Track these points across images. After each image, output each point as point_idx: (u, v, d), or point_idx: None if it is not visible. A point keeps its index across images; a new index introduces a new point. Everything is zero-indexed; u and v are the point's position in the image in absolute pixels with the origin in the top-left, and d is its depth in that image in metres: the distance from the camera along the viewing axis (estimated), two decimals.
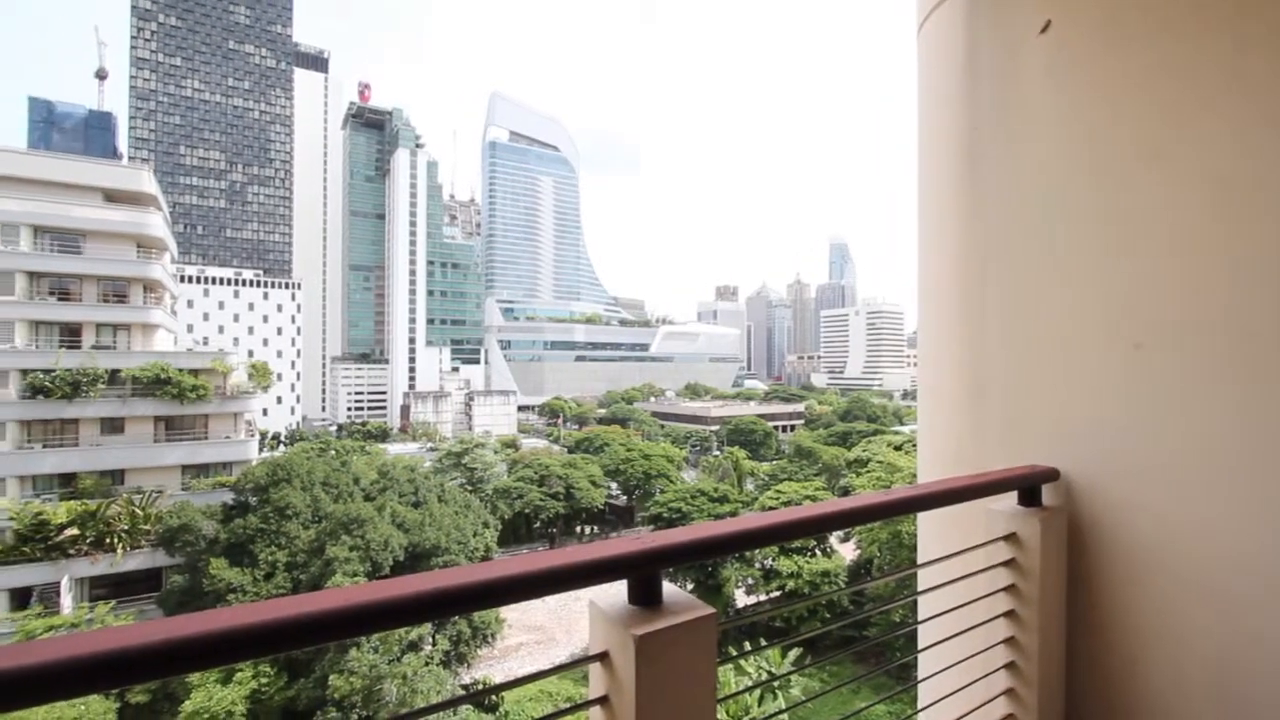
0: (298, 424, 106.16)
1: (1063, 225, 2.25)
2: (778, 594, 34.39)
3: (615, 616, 1.27)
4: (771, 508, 37.83)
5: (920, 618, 2.49)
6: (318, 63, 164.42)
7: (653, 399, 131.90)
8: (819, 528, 1.68)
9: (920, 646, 2.19)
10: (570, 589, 1.21)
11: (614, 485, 60.68)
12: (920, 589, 2.52)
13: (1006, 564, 2.15)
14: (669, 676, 1.25)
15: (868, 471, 43.28)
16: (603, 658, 1.29)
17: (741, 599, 36.66)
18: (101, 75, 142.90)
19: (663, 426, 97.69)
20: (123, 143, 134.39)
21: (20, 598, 30.33)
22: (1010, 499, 2.18)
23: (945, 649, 2.06)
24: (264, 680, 24.41)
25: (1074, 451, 2.19)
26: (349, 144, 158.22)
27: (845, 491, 48.14)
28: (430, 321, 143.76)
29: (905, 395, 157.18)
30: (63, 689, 0.74)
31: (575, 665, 1.41)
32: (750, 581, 35.40)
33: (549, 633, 38.87)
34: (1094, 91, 2.19)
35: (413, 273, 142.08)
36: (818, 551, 35.27)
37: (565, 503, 52.65)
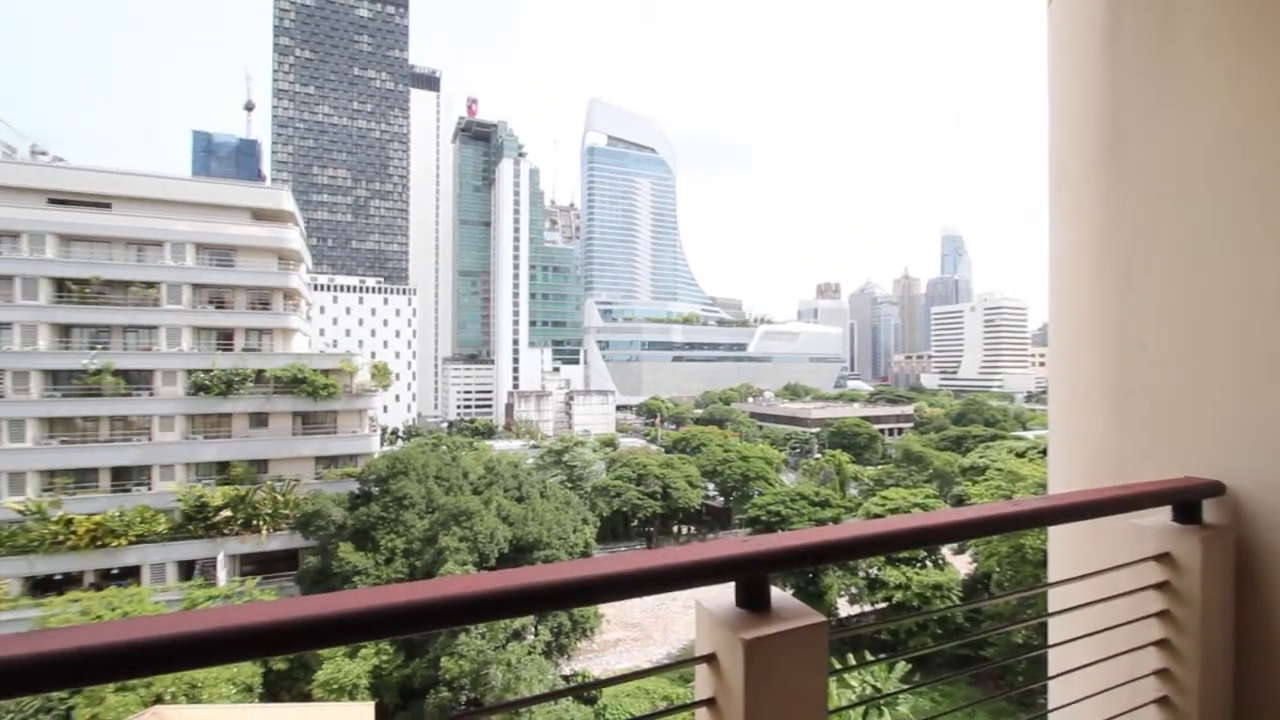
0: (413, 420, 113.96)
1: (1227, 205, 1.98)
2: (884, 606, 32.78)
3: (723, 619, 1.25)
4: (877, 515, 36.14)
5: (1051, 641, 2.27)
6: (430, 82, 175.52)
7: (750, 400, 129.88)
8: (936, 538, 1.58)
9: (1051, 673, 2.00)
10: (677, 589, 1.22)
11: (711, 486, 60.31)
12: (1051, 610, 2.30)
13: (1158, 587, 1.91)
14: (778, 683, 1.22)
15: (985, 480, 40.30)
16: (710, 659, 1.27)
17: (844, 608, 35.28)
18: (249, 107, 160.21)
19: (761, 428, 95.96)
20: (266, 166, 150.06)
21: (186, 569, 34.63)
22: (1163, 514, 1.94)
23: (1082, 677, 1.87)
24: (384, 658, 26.34)
25: (1240, 463, 1.91)
26: (458, 156, 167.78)
27: (959, 500, 45.07)
28: (532, 323, 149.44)
29: (1030, 398, 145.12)
30: (222, 655, 0.86)
31: (682, 665, 1.41)
32: (854, 591, 33.99)
33: (646, 630, 39.22)
34: (1259, 59, 1.91)
35: (516, 277, 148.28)
36: (928, 563, 33.28)
37: (662, 502, 52.97)
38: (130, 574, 33.47)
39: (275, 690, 24.31)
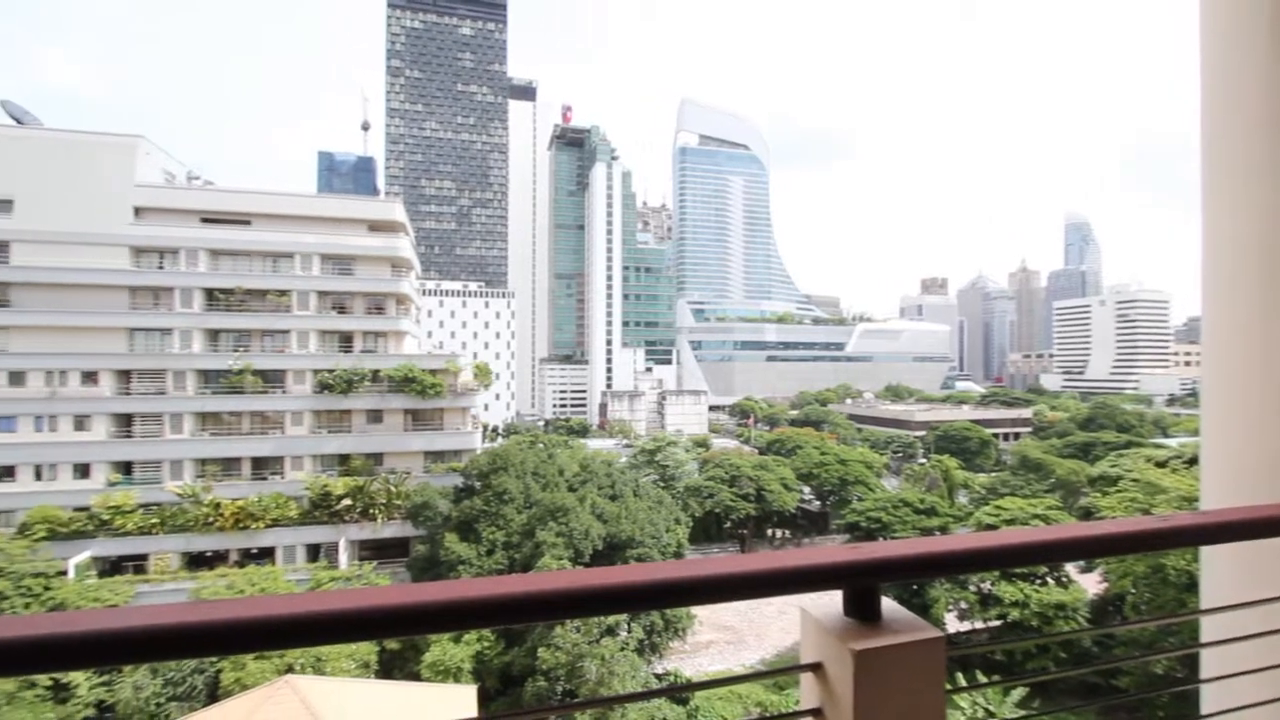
0: (512, 418, 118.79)
1: None
2: (998, 623, 30.47)
3: (831, 627, 1.21)
4: (990, 526, 33.65)
5: (1205, 675, 1.97)
6: (527, 92, 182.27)
7: (849, 401, 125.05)
8: (1064, 554, 1.44)
9: (1206, 711, 1.73)
10: (780, 594, 1.19)
11: (807, 489, 58.60)
12: (1205, 640, 2.01)
13: None
14: (892, 699, 1.16)
15: (1118, 491, 36.52)
16: (816, 668, 1.23)
17: (951, 624, 33.12)
18: (365, 127, 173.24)
19: (860, 430, 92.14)
20: (380, 180, 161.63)
21: (313, 552, 37.89)
22: None
23: (1246, 719, 1.60)
24: (486, 645, 27.57)
25: None
26: (554, 163, 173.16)
27: (1087, 513, 41.12)
28: (625, 324, 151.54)
29: (1172, 401, 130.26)
30: (344, 635, 0.95)
31: (787, 672, 1.38)
32: (963, 605, 31.82)
33: (739, 634, 38.68)
34: None
35: (609, 278, 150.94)
36: (1049, 580, 30.58)
37: (756, 504, 52.06)
38: (267, 554, 37.11)
39: (389, 668, 26.07)
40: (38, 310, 37.49)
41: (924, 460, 70.61)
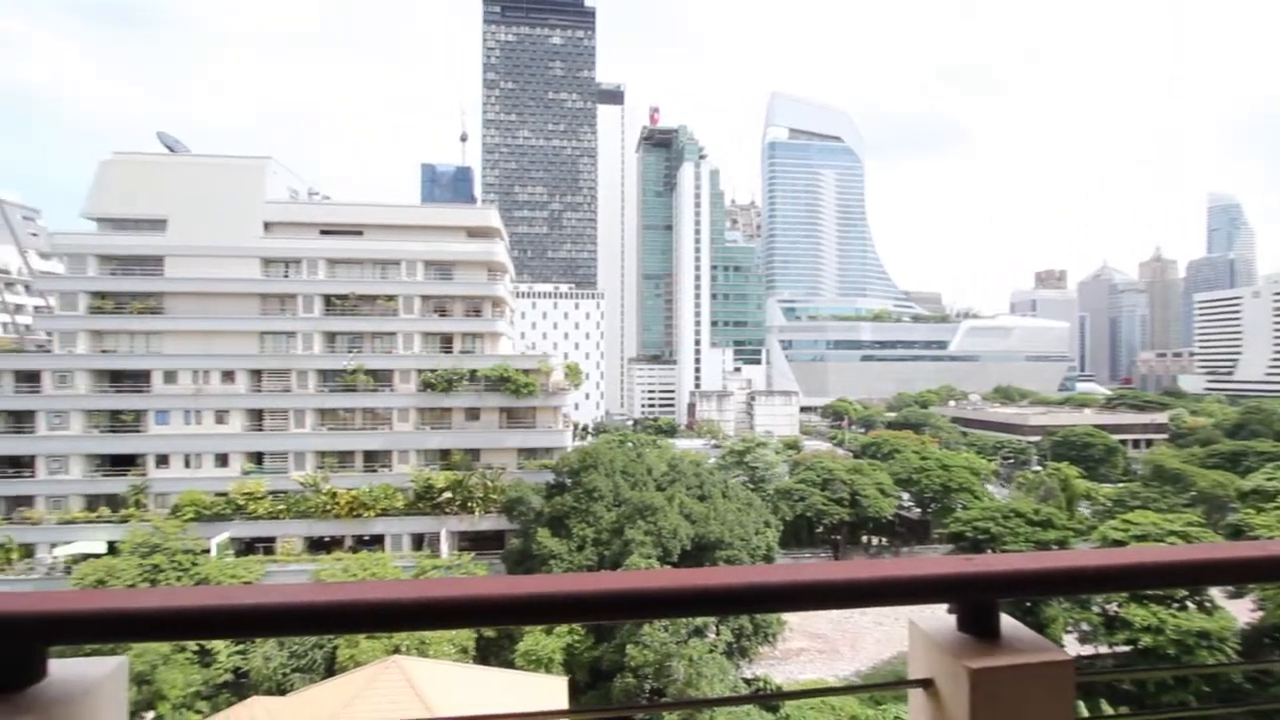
0: (601, 418, 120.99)
1: None
2: (1126, 649, 27.65)
3: (943, 642, 1.13)
4: (1118, 541, 30.60)
5: None
6: (615, 96, 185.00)
7: (952, 403, 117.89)
8: (1213, 577, 1.33)
9: None
10: (886, 604, 1.14)
11: (905, 495, 55.78)
12: None
13: None
14: None
15: (1277, 508, 32.18)
16: (926, 684, 1.16)
17: (1070, 647, 30.38)
18: (463, 139, 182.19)
19: (965, 434, 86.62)
20: (477, 189, 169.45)
21: (417, 541, 40.24)
22: None
23: None
24: (576, 638, 28.17)
25: None
26: (642, 164, 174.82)
27: (1236, 531, 36.50)
28: (714, 323, 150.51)
29: None
30: (447, 621, 0.99)
31: (895, 687, 1.34)
32: (1085, 628, 29.12)
33: (831, 643, 37.38)
34: None
35: (697, 278, 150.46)
36: (1189, 604, 27.39)
37: (850, 509, 50.14)
38: (377, 541, 39.83)
39: (485, 654, 27.22)
40: (186, 316, 42.17)
41: (1039, 468, 65.31)
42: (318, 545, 39.68)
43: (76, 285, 41.87)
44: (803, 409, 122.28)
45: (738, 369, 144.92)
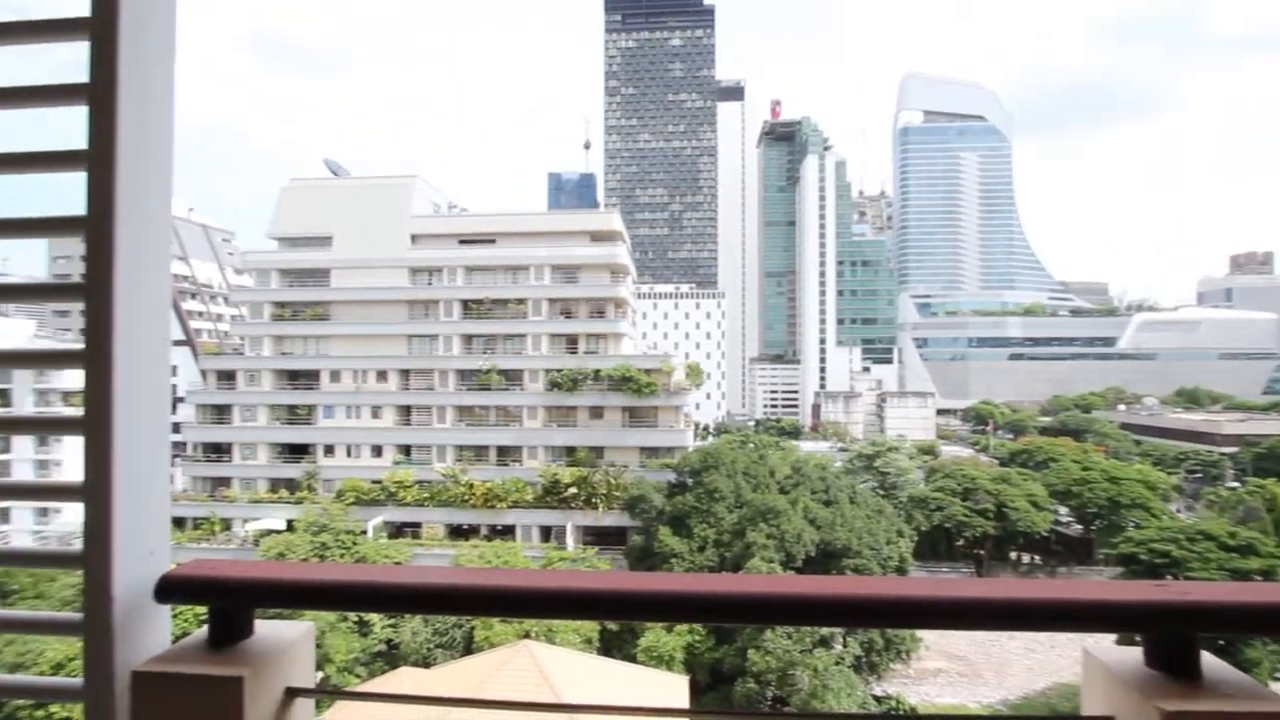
0: (722, 418, 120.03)
1: None
2: None
3: (1128, 678, 0.99)
4: None
5: None
6: (735, 93, 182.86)
7: (1122, 407, 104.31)
8: None
9: None
10: (1055, 629, 1.02)
11: (1063, 510, 50.08)
12: None
13: None
14: None
15: None
16: None
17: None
18: (586, 146, 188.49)
19: (1138, 443, 76.22)
20: (600, 194, 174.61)
21: (544, 533, 42.10)
22: None
23: None
24: (697, 638, 28.07)
25: None
26: (763, 160, 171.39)
27: None
28: (840, 321, 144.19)
29: None
30: (574, 612, 1.03)
31: None
32: None
33: (973, 666, 34.34)
34: None
35: (822, 274, 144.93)
36: None
37: (996, 522, 45.83)
38: (508, 531, 42.18)
39: (608, 646, 27.85)
40: (348, 322, 47.19)
41: (1236, 484, 55.97)
42: (457, 532, 42.75)
43: (262, 296, 48.33)
44: (939, 412, 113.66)
45: (866, 369, 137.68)
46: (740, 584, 1.01)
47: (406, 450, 45.85)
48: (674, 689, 17.41)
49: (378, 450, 45.62)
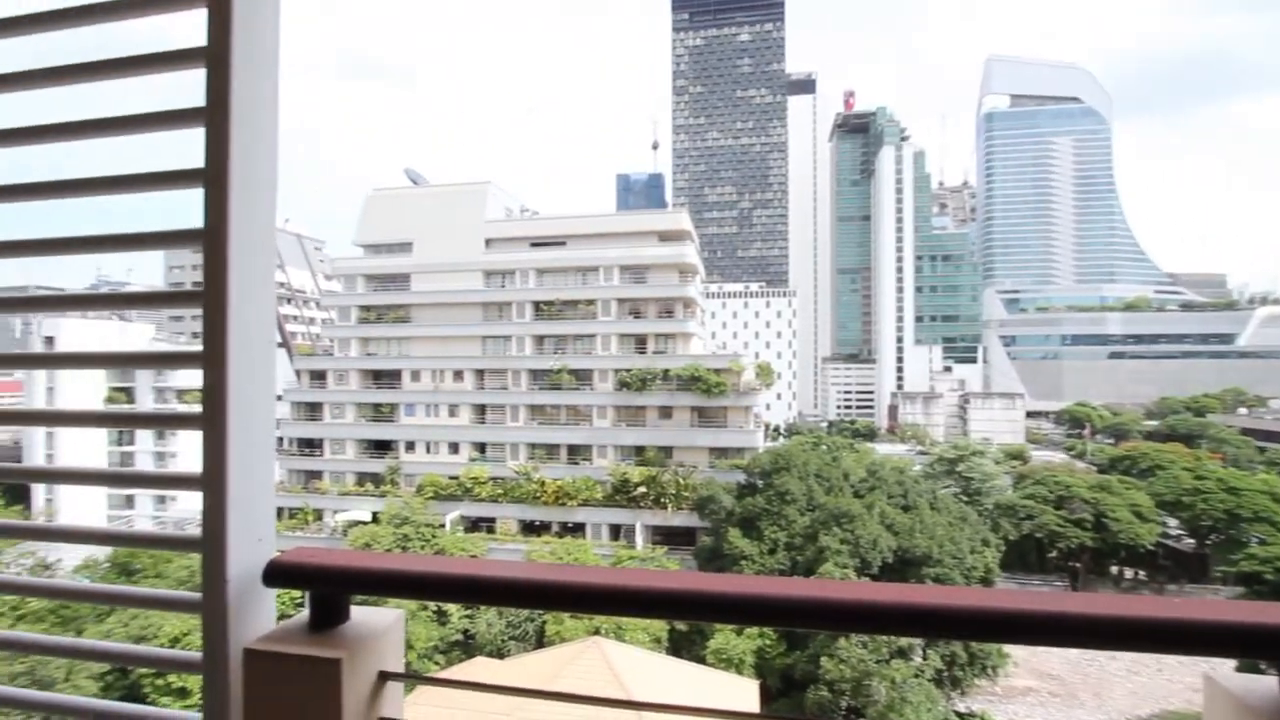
0: (794, 418, 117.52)
1: None
2: None
3: (1261, 708, 0.90)
4: None
5: None
6: (806, 86, 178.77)
7: (1243, 410, 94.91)
8: None
9: None
10: (1167, 650, 0.92)
11: (1172, 522, 46.06)
12: None
13: None
14: None
15: None
16: None
17: None
18: (654, 146, 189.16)
19: (1263, 450, 69.05)
20: (668, 194, 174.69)
21: (614, 531, 42.52)
22: None
23: None
24: (768, 642, 27.62)
25: None
26: (835, 153, 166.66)
27: None
28: (919, 319, 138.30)
29: None
30: (644, 610, 1.03)
31: None
32: None
33: (1068, 686, 32.14)
34: None
35: (899, 270, 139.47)
36: None
37: (1094, 533, 42.72)
38: (578, 529, 42.88)
39: (676, 646, 27.84)
40: (428, 324, 49.33)
41: None
42: (529, 528, 43.86)
43: (349, 301, 51.26)
44: (1029, 414, 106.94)
45: (948, 368, 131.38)
46: (814, 589, 0.97)
47: (481, 448, 47.44)
48: (744, 693, 17.20)
49: (454, 447, 47.43)
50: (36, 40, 1.24)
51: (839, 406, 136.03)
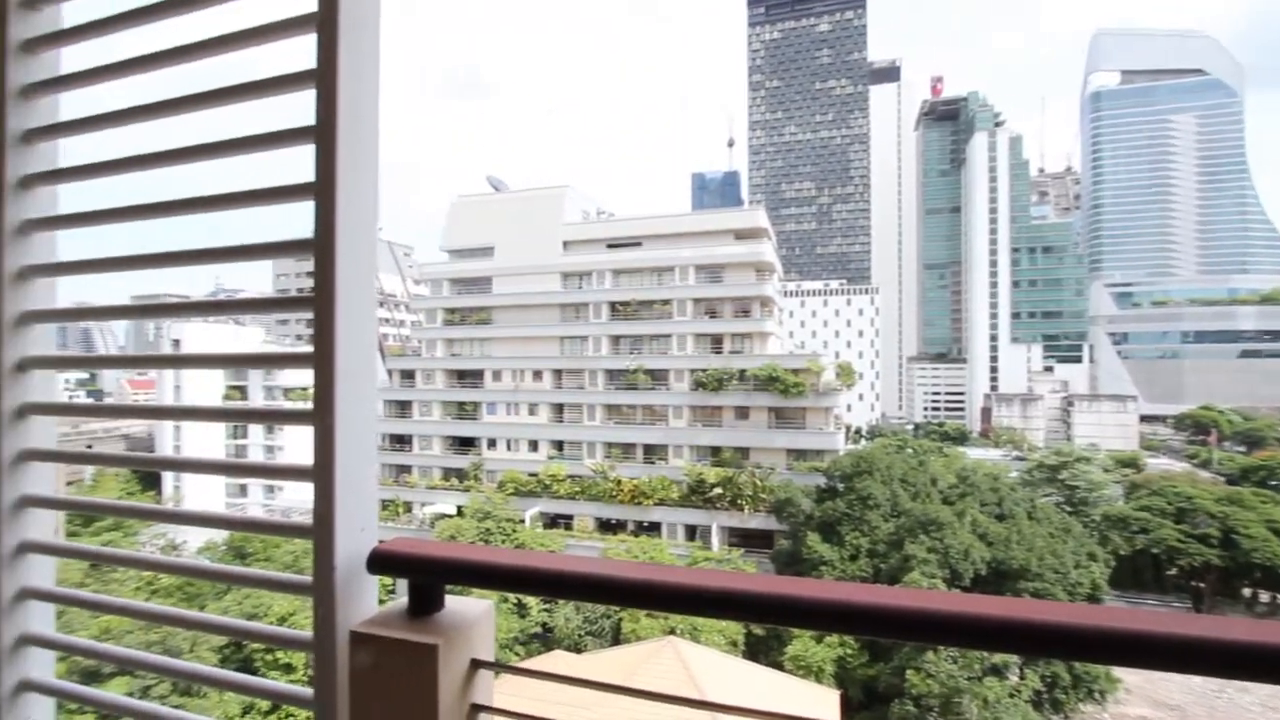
0: (876, 420, 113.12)
1: None
2: None
3: None
4: None
5: None
6: (889, 74, 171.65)
7: None
8: None
9: None
10: None
11: None
12: None
13: None
14: None
15: None
16: None
17: None
18: (730, 144, 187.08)
19: None
20: (744, 191, 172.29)
21: (689, 532, 42.41)
22: None
23: None
24: (849, 651, 26.73)
25: None
26: (922, 143, 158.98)
27: None
28: (1015, 315, 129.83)
29: None
30: (718, 611, 1.04)
31: None
32: None
33: (1190, 718, 29.23)
34: None
35: (993, 264, 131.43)
36: None
37: (1221, 551, 38.72)
38: (654, 528, 43.06)
39: (753, 651, 27.43)
40: (509, 325, 51.02)
41: None
42: (605, 526, 44.46)
43: (435, 303, 53.80)
44: (1143, 418, 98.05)
45: (1048, 368, 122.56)
46: (906, 597, 0.93)
47: (559, 446, 48.52)
48: (824, 702, 16.71)
49: (534, 445, 48.78)
50: (144, 77, 1.38)
51: (926, 408, 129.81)
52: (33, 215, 1.46)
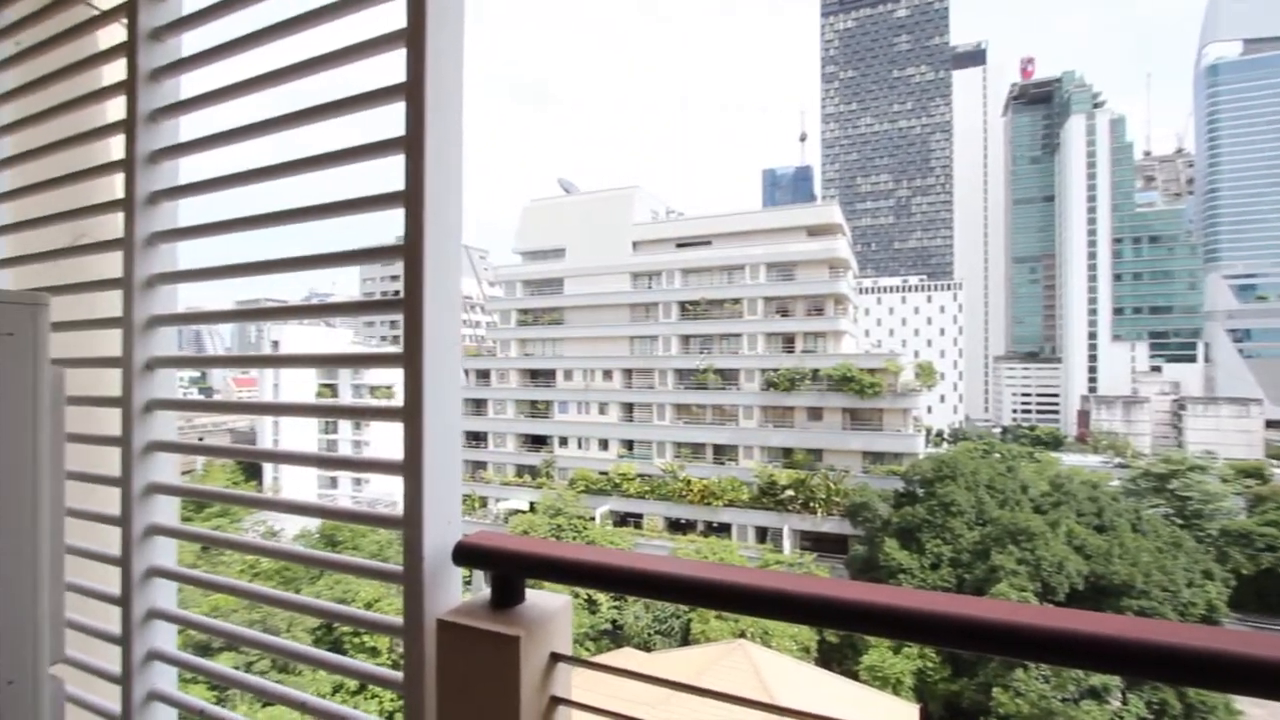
0: (960, 423, 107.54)
1: None
2: None
3: None
4: None
5: None
6: (975, 58, 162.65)
7: None
8: None
9: None
10: None
11: None
12: None
13: None
14: None
15: None
16: None
17: None
18: (802, 138, 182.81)
19: None
20: (817, 186, 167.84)
21: (760, 534, 41.77)
22: None
23: None
24: (930, 664, 25.58)
25: None
26: (1010, 129, 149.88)
27: None
28: (1118, 311, 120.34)
29: None
30: (792, 615, 1.01)
31: None
32: None
33: None
34: None
35: (1092, 256, 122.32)
36: None
37: None
38: (724, 529, 42.68)
39: (826, 659, 26.72)
40: (580, 325, 51.91)
41: None
42: (675, 526, 44.45)
43: (508, 305, 55.42)
44: (1269, 423, 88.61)
45: (1156, 368, 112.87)
46: (994, 610, 0.86)
47: (629, 445, 48.92)
48: (902, 716, 16.07)
49: (604, 444, 49.40)
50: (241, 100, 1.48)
51: (1015, 411, 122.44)
52: (158, 228, 1.61)
